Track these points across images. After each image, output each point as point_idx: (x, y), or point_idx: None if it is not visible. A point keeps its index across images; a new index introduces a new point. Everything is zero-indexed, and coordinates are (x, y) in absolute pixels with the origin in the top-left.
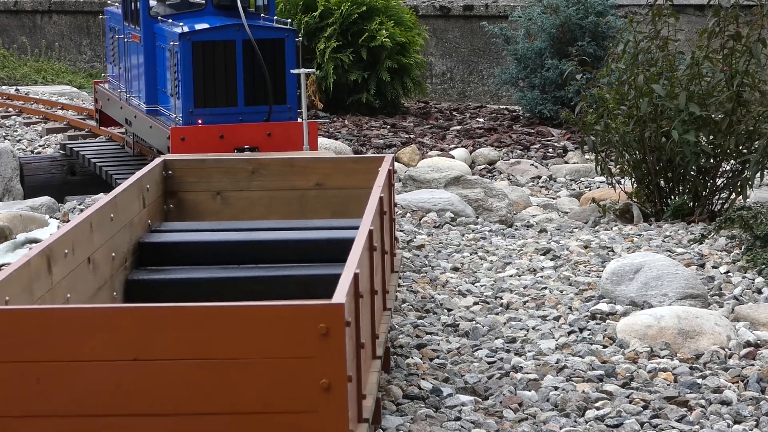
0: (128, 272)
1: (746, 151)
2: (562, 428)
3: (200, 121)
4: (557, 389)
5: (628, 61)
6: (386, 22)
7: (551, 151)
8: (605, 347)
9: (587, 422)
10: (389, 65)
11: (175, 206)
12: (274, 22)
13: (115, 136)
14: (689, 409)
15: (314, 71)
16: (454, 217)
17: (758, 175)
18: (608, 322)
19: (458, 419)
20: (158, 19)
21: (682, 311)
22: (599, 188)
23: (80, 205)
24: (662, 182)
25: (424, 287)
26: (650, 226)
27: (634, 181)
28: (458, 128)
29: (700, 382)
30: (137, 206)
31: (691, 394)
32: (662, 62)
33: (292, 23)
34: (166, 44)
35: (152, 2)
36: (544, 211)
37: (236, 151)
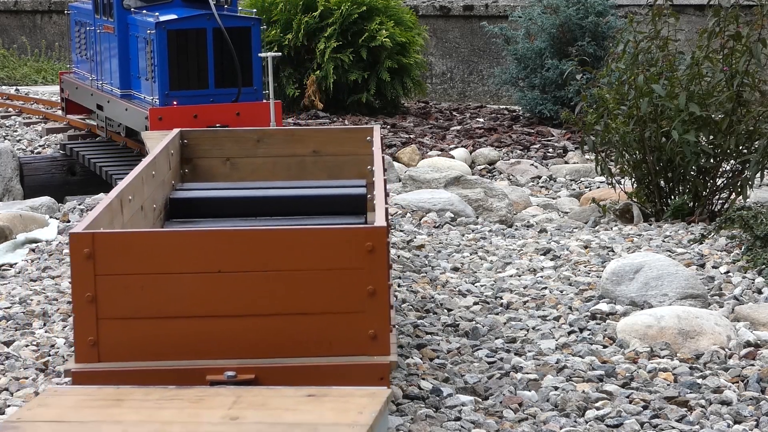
0: (162, 223)
1: (746, 151)
2: (562, 428)
3: (175, 102)
4: (557, 389)
5: (628, 61)
6: (386, 22)
7: (551, 151)
8: (605, 347)
9: (587, 422)
10: (389, 65)
11: (190, 170)
12: (237, 12)
13: (75, 122)
14: (689, 409)
15: (279, 54)
16: (454, 217)
17: (758, 175)
18: (608, 322)
19: (458, 419)
20: (131, 10)
21: (682, 311)
22: (599, 188)
23: (80, 205)
24: (662, 182)
25: (424, 287)
26: (650, 226)
27: (634, 181)
28: (458, 128)
29: (700, 382)
30: (166, 167)
31: (691, 394)
32: (662, 62)
33: (256, 13)
34: (140, 33)
35: None
36: (544, 211)
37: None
